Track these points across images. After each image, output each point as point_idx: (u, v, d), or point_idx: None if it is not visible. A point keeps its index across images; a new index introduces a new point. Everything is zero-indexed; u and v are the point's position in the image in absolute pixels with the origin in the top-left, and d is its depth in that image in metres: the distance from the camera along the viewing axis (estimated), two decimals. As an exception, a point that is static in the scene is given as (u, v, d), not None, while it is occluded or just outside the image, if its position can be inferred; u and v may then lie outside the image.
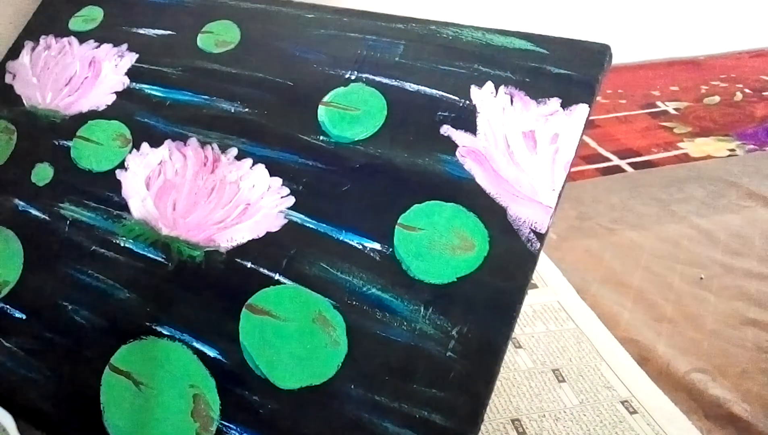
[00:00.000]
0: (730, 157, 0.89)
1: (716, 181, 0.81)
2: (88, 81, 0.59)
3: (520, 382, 0.53)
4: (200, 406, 0.42)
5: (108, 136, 0.55)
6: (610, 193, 0.79)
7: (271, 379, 0.41)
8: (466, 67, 0.46)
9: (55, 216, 0.53)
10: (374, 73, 0.49)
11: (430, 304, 0.40)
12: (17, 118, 0.60)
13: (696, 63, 1.19)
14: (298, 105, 0.50)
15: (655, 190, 0.80)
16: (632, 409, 0.51)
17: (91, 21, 0.63)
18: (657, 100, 1.06)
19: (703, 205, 0.77)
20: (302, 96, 0.50)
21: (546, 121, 0.43)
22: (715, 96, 1.07)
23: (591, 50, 0.44)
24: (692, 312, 0.61)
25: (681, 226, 0.73)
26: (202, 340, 0.44)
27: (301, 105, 0.50)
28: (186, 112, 0.53)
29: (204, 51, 0.56)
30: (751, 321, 0.59)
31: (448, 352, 0.39)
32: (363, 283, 0.42)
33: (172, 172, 0.51)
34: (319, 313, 0.42)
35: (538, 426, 0.49)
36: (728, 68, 1.17)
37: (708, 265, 0.67)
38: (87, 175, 0.54)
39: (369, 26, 0.51)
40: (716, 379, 0.53)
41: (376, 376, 0.40)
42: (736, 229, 0.72)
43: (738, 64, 1.18)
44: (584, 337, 0.57)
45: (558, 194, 0.41)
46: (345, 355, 0.41)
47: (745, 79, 1.12)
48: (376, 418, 0.39)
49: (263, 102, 0.51)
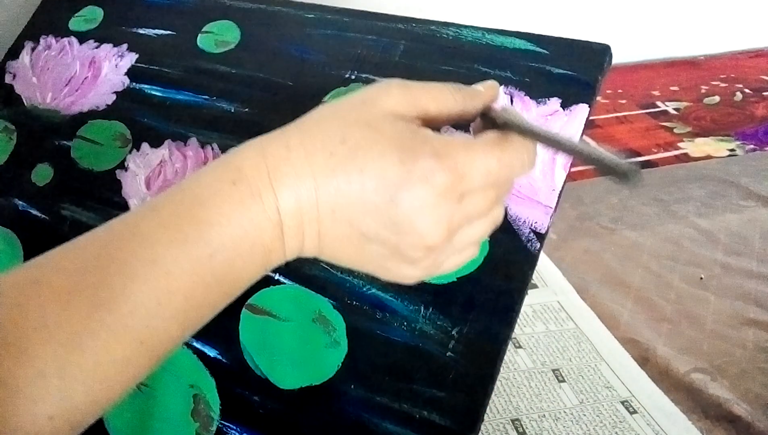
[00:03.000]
0: (730, 157, 0.89)
1: (716, 181, 0.81)
2: (88, 81, 0.59)
3: (520, 382, 0.53)
4: (200, 406, 0.42)
5: (108, 136, 0.55)
6: (610, 193, 0.79)
7: (271, 379, 0.41)
8: (466, 67, 0.46)
9: (55, 216, 0.53)
10: (374, 73, 0.49)
11: (430, 303, 0.40)
12: (17, 118, 0.60)
13: (696, 63, 1.19)
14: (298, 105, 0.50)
15: (655, 190, 0.80)
16: (632, 409, 0.51)
17: (91, 21, 0.63)
18: (657, 100, 1.06)
19: (703, 205, 0.77)
20: (302, 96, 0.50)
21: (546, 121, 0.43)
22: (715, 96, 1.07)
23: (591, 50, 0.44)
24: (692, 312, 0.61)
25: (681, 226, 0.73)
26: (202, 340, 0.44)
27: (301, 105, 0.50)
28: (186, 112, 0.53)
29: (204, 51, 0.56)
30: (751, 321, 0.59)
31: (448, 352, 0.39)
32: (363, 283, 0.42)
33: (172, 172, 0.51)
34: (319, 313, 0.42)
35: (538, 426, 0.49)
36: (728, 68, 1.17)
37: (708, 265, 0.67)
38: (87, 175, 0.54)
39: (369, 26, 0.51)
40: (716, 379, 0.53)
41: (376, 376, 0.40)
42: (736, 229, 0.72)
43: (738, 64, 1.18)
44: (584, 337, 0.57)
45: (558, 194, 0.41)
46: (345, 355, 0.41)
47: (745, 79, 1.12)
48: (376, 418, 0.39)
49: (263, 102, 0.51)
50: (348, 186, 0.29)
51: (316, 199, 0.29)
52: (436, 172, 0.28)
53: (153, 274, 0.27)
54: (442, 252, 0.31)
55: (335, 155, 0.29)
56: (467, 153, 0.30)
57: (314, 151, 0.29)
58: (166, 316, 0.28)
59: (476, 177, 0.30)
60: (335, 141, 0.29)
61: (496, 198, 0.32)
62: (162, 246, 0.28)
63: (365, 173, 0.29)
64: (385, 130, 0.29)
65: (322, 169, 0.29)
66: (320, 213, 0.30)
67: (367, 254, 0.31)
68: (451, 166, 0.29)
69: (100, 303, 0.26)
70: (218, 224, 0.28)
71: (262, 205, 0.29)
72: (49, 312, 0.25)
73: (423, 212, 0.29)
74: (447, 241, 0.30)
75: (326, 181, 0.29)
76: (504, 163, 0.30)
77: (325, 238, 0.31)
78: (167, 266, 0.27)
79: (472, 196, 0.30)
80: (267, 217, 0.29)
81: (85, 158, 0.55)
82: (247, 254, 0.29)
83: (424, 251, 0.30)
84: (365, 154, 0.29)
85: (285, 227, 0.30)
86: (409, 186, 0.28)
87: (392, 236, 0.29)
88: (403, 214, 0.29)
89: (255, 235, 0.29)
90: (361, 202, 0.29)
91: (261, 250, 0.30)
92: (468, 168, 0.29)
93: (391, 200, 0.29)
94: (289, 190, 0.29)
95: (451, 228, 0.30)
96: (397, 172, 0.28)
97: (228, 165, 0.30)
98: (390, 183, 0.29)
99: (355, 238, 0.30)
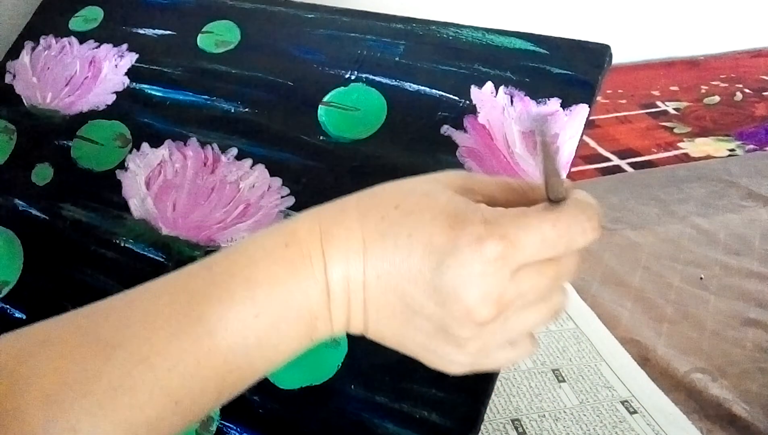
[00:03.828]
0: (730, 157, 0.89)
1: (716, 181, 0.81)
2: (88, 81, 0.59)
3: (520, 382, 0.53)
4: (200, 406, 0.42)
5: (108, 136, 0.55)
6: (610, 193, 0.79)
7: (271, 379, 0.41)
8: (466, 67, 0.46)
9: (55, 216, 0.53)
10: (374, 73, 0.49)
11: (430, 304, 0.40)
12: (17, 118, 0.60)
13: (696, 63, 1.19)
14: (298, 105, 0.50)
15: (655, 190, 0.80)
16: (632, 409, 0.51)
17: (91, 21, 0.63)
18: (657, 100, 1.06)
19: (703, 205, 0.77)
20: (302, 96, 0.50)
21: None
22: (715, 96, 1.07)
23: (591, 50, 0.44)
24: (692, 312, 0.61)
25: (681, 226, 0.73)
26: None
27: (301, 105, 0.50)
28: (186, 112, 0.53)
29: (204, 51, 0.56)
30: (751, 321, 0.59)
31: (448, 352, 0.39)
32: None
33: (172, 172, 0.51)
34: (319, 313, 0.42)
35: (538, 426, 0.49)
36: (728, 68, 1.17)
37: (708, 265, 0.67)
38: (87, 175, 0.54)
39: (369, 26, 0.51)
40: (716, 379, 0.53)
41: (376, 376, 0.40)
42: (736, 229, 0.72)
43: (738, 64, 1.18)
44: (584, 337, 0.57)
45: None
46: (345, 355, 0.41)
47: (745, 79, 1.12)
48: (376, 418, 0.39)
49: (263, 102, 0.51)
50: (394, 251, 0.28)
51: (363, 264, 0.28)
52: (485, 238, 0.26)
53: (196, 332, 0.27)
54: (492, 334, 0.28)
55: (386, 219, 0.28)
56: (520, 219, 0.27)
57: (367, 214, 0.29)
58: (204, 377, 0.27)
59: (530, 246, 0.27)
60: (389, 206, 0.29)
61: (555, 277, 0.29)
62: (209, 304, 0.27)
63: (413, 238, 0.27)
64: (440, 198, 0.28)
65: (371, 232, 0.28)
66: (366, 278, 0.28)
67: (411, 330, 0.29)
68: (502, 233, 0.27)
69: (142, 358, 0.26)
70: (267, 284, 0.28)
71: (312, 268, 0.28)
72: (91, 365, 0.25)
73: (470, 281, 0.27)
74: (497, 319, 0.27)
75: (374, 244, 0.28)
76: (560, 229, 0.27)
77: (370, 309, 0.29)
78: (211, 324, 0.27)
79: (527, 272, 0.28)
80: (315, 281, 0.28)
81: (85, 158, 0.55)
82: (292, 319, 0.29)
83: (471, 329, 0.28)
84: (416, 219, 0.28)
85: (331, 293, 0.29)
86: (457, 253, 0.27)
87: (438, 309, 0.28)
88: (449, 282, 0.27)
89: (302, 298, 0.28)
90: (406, 269, 0.28)
91: (307, 316, 0.29)
92: (520, 235, 0.27)
93: (437, 267, 0.27)
94: (339, 254, 0.28)
95: (501, 303, 0.27)
96: (444, 238, 0.27)
97: (284, 228, 0.30)
98: (437, 249, 0.27)
99: (400, 310, 0.29)
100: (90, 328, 0.27)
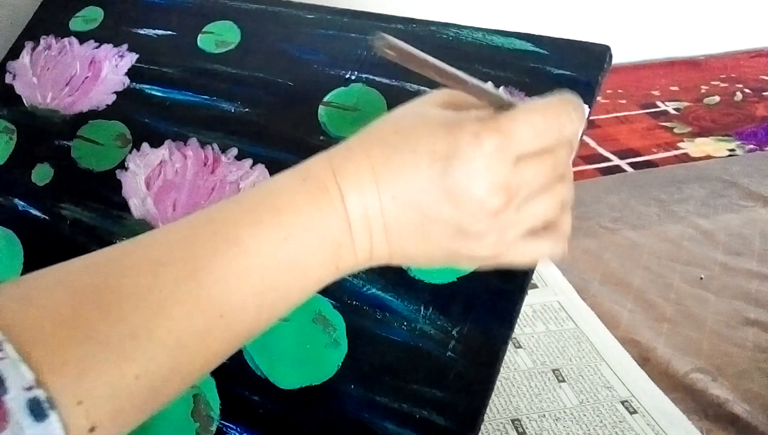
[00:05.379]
0: (730, 157, 0.89)
1: (716, 181, 0.81)
2: (88, 81, 0.59)
3: (520, 382, 0.53)
4: (200, 406, 0.42)
5: (108, 136, 0.55)
6: (610, 193, 0.79)
7: (271, 379, 0.41)
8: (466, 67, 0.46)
9: (55, 216, 0.53)
10: (374, 73, 0.49)
11: (430, 303, 0.40)
12: (17, 118, 0.60)
13: (696, 63, 1.19)
14: (299, 105, 0.50)
15: (655, 190, 0.80)
16: (632, 409, 0.51)
17: (91, 21, 0.63)
18: (657, 100, 1.06)
19: (703, 205, 0.77)
20: (302, 96, 0.50)
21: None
22: (715, 96, 1.07)
23: (591, 51, 0.44)
24: (692, 312, 0.61)
25: (681, 226, 0.73)
26: (202, 340, 0.44)
27: (301, 105, 0.50)
28: (186, 112, 0.53)
29: (204, 51, 0.56)
30: (751, 321, 0.59)
31: (448, 352, 0.39)
32: (363, 282, 0.42)
33: (172, 172, 0.51)
34: (319, 312, 0.42)
35: (538, 426, 0.49)
36: (728, 68, 1.17)
37: (708, 265, 0.67)
38: (87, 175, 0.54)
39: (369, 26, 0.51)
40: (716, 379, 0.53)
41: (376, 376, 0.40)
42: (736, 229, 0.72)
43: (738, 64, 1.18)
44: (584, 337, 0.57)
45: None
46: (345, 355, 0.41)
47: (745, 79, 1.12)
48: (376, 418, 0.39)
49: (263, 102, 0.51)
50: (403, 169, 0.30)
51: (377, 190, 0.30)
52: (481, 133, 0.29)
53: (233, 251, 0.29)
54: (508, 223, 0.31)
55: (389, 144, 0.31)
56: (511, 114, 0.30)
57: (371, 145, 0.31)
58: (244, 293, 0.29)
59: (524, 135, 0.30)
60: (389, 132, 0.31)
61: (553, 166, 0.31)
62: (242, 228, 0.30)
63: (417, 152, 0.30)
64: (434, 113, 0.31)
65: (378, 159, 0.31)
66: (382, 203, 0.31)
67: (434, 239, 0.31)
68: (495, 126, 0.29)
69: (187, 274, 0.28)
70: (290, 212, 0.30)
71: (330, 199, 0.31)
72: (143, 280, 0.28)
73: (477, 176, 0.29)
74: (508, 207, 0.30)
75: (383, 169, 0.30)
76: (549, 118, 0.30)
77: (392, 231, 0.31)
78: (246, 245, 0.29)
79: (527, 162, 0.30)
80: (334, 210, 0.31)
81: (85, 158, 0.55)
82: (317, 245, 0.31)
83: (487, 220, 0.30)
84: (416, 136, 0.30)
85: (352, 222, 0.31)
86: (459, 153, 0.29)
87: (453, 210, 0.30)
88: (458, 182, 0.29)
89: (324, 226, 0.31)
90: (417, 181, 0.30)
91: (330, 243, 0.31)
92: (513, 126, 0.29)
93: (444, 171, 0.29)
94: (353, 186, 0.31)
95: (509, 191, 0.30)
96: (445, 143, 0.29)
97: (299, 167, 0.32)
98: (441, 155, 0.29)
99: (420, 222, 0.31)
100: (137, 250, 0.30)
